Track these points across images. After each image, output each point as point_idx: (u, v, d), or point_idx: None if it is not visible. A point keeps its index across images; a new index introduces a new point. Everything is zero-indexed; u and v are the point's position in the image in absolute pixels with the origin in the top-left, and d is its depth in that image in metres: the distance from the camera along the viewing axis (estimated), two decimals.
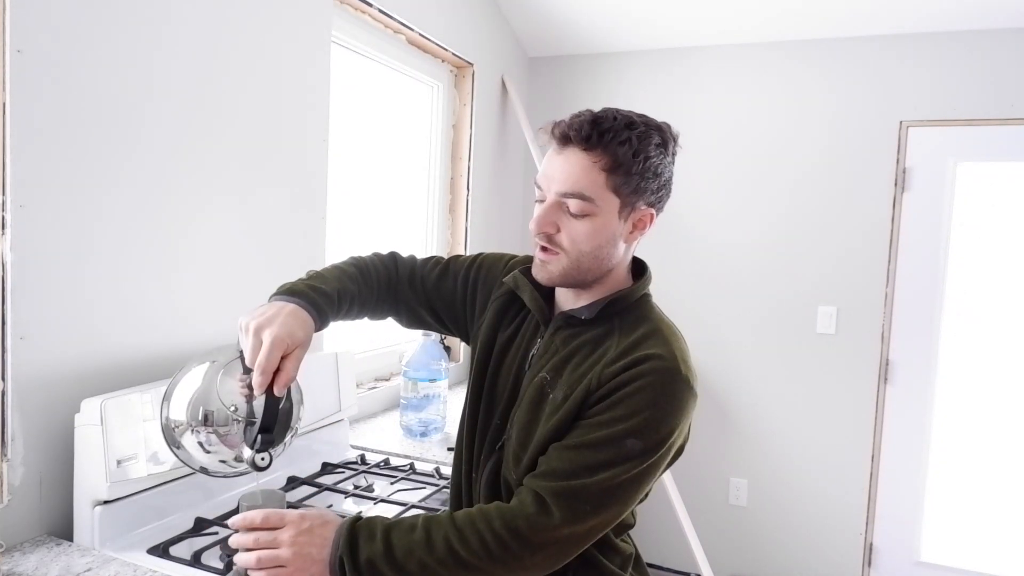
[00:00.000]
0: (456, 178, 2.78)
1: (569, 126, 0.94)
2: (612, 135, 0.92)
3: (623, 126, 0.93)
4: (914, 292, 2.72)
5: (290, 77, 1.77)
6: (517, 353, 1.06)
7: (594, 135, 0.92)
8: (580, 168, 0.93)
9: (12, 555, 1.16)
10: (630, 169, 0.93)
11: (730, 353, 2.98)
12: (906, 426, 2.77)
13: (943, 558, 2.76)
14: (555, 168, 0.95)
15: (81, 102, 1.25)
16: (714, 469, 3.03)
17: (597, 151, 0.93)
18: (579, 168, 0.93)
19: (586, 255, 0.96)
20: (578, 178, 0.93)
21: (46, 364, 1.23)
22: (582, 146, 0.93)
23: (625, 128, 0.93)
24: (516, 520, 0.88)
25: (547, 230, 0.96)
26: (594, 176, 0.93)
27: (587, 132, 0.92)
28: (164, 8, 1.40)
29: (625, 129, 0.93)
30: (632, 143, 0.92)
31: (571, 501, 0.88)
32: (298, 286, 1.00)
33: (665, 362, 0.92)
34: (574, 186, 0.93)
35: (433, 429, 2.03)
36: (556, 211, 0.95)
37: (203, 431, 0.97)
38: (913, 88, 2.67)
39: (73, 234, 1.26)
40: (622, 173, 0.93)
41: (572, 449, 0.91)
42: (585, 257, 0.96)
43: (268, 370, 0.88)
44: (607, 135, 0.92)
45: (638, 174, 0.94)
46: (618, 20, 2.85)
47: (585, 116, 0.94)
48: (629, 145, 0.92)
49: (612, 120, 0.93)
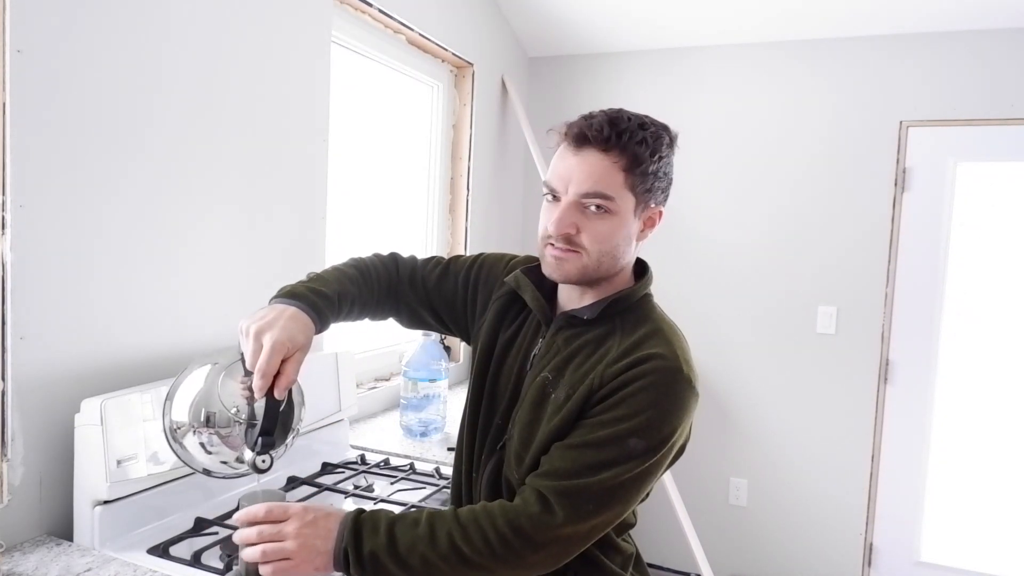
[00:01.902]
0: (456, 178, 2.78)
1: (587, 127, 0.94)
2: (629, 135, 0.93)
3: (637, 126, 0.94)
4: (914, 292, 2.72)
5: (290, 77, 1.77)
6: (518, 353, 1.07)
7: (612, 135, 0.93)
8: (601, 168, 0.94)
9: (12, 555, 1.16)
10: (647, 169, 0.95)
11: (730, 353, 2.98)
12: (906, 426, 2.77)
13: (943, 558, 2.76)
14: (572, 169, 0.95)
15: (82, 102, 1.25)
16: (714, 469, 3.03)
17: (616, 151, 0.93)
18: (600, 168, 0.94)
19: (607, 254, 0.97)
20: (599, 178, 0.94)
21: (46, 364, 1.23)
22: (601, 147, 0.94)
23: (639, 128, 0.94)
24: (519, 518, 0.88)
25: (568, 231, 0.96)
26: (614, 176, 0.94)
27: (607, 133, 0.93)
28: (165, 8, 1.40)
29: (639, 129, 0.94)
30: (648, 143, 0.94)
31: (574, 500, 0.88)
32: (298, 289, 1.00)
33: (667, 362, 0.92)
34: (595, 186, 0.94)
35: (433, 429, 2.03)
36: (576, 211, 0.96)
37: (205, 432, 0.97)
38: (913, 88, 2.67)
39: (73, 234, 1.26)
40: (639, 172, 0.94)
41: (575, 448, 0.92)
42: (606, 256, 0.97)
43: (268, 374, 0.89)
44: (625, 135, 0.93)
45: (653, 173, 0.96)
46: (618, 20, 2.85)
47: (601, 117, 0.95)
48: (645, 145, 0.94)
49: (627, 120, 0.95)
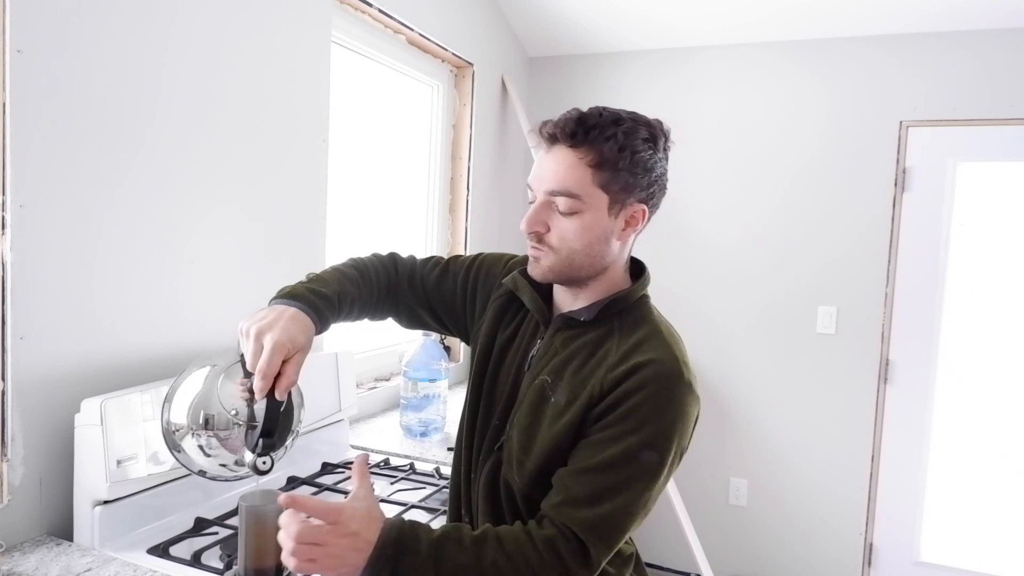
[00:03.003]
0: (456, 178, 2.78)
1: (555, 125, 0.94)
2: (598, 131, 0.92)
3: (609, 122, 0.93)
4: (914, 292, 2.72)
5: (290, 77, 1.77)
6: (516, 354, 1.06)
7: (579, 132, 0.92)
8: (566, 165, 0.93)
9: (12, 555, 1.16)
10: (617, 165, 0.93)
11: (730, 353, 2.98)
12: (906, 426, 2.77)
13: (943, 558, 2.76)
14: (543, 167, 0.96)
15: (82, 102, 1.25)
16: (714, 469, 3.03)
17: (583, 148, 0.93)
18: (565, 165, 0.93)
19: (577, 253, 0.96)
20: (564, 175, 0.93)
21: (46, 364, 1.23)
22: (568, 143, 0.93)
23: (611, 124, 0.93)
24: (560, 552, 0.86)
25: (537, 229, 0.96)
26: (580, 172, 0.93)
27: (572, 129, 0.93)
28: (165, 8, 1.40)
29: (611, 125, 0.93)
30: (618, 139, 0.92)
31: (603, 533, 0.88)
32: (298, 289, 1.00)
33: (667, 366, 0.92)
34: (560, 183, 0.93)
35: (433, 429, 2.04)
36: (545, 210, 0.96)
37: (204, 435, 0.97)
38: (913, 88, 2.67)
39: (74, 234, 1.26)
40: (609, 169, 0.93)
41: (590, 472, 0.90)
42: (577, 255, 0.96)
43: (269, 375, 0.88)
44: (592, 131, 0.92)
45: (626, 170, 0.93)
46: (618, 20, 2.85)
47: (571, 114, 0.94)
48: (615, 141, 0.92)
49: (598, 117, 0.94)
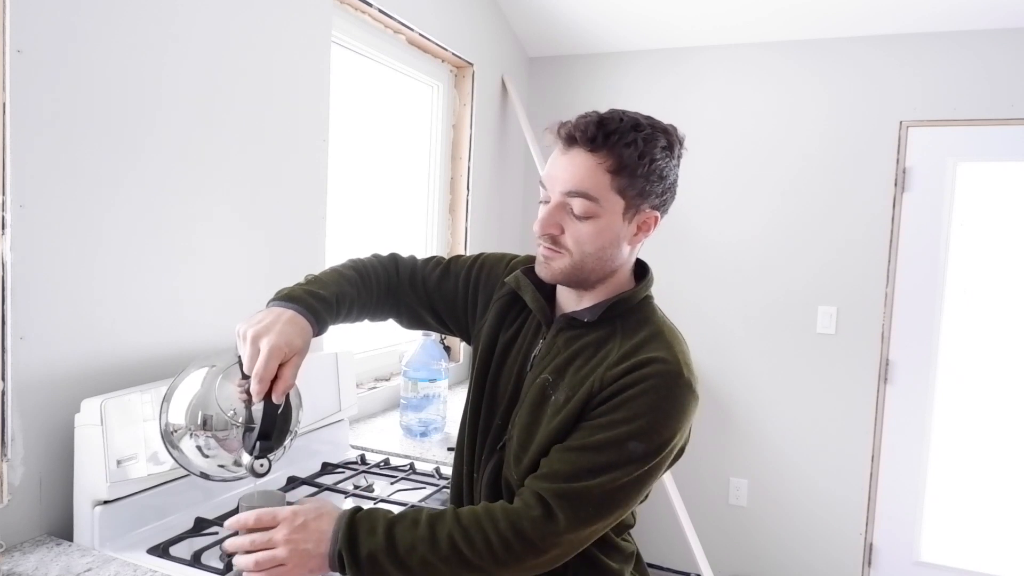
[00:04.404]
0: (456, 178, 2.78)
1: (575, 127, 0.93)
2: (618, 136, 0.91)
3: (629, 128, 0.92)
4: (914, 292, 2.72)
5: (290, 77, 1.77)
6: (519, 354, 1.06)
7: (599, 136, 0.92)
8: (585, 168, 0.92)
9: (12, 555, 1.16)
10: (635, 171, 0.92)
11: (730, 353, 2.98)
12: (906, 426, 2.77)
13: (943, 558, 2.76)
14: (560, 168, 0.95)
15: (82, 103, 1.25)
16: (714, 469, 3.03)
17: (602, 152, 0.92)
18: (584, 168, 0.92)
19: (590, 256, 0.96)
20: (583, 178, 0.92)
21: (46, 364, 1.23)
22: (587, 147, 0.92)
23: (631, 130, 0.92)
24: (521, 522, 0.88)
25: (551, 231, 0.96)
26: (599, 177, 0.92)
27: (592, 133, 0.92)
28: (165, 7, 1.40)
29: (631, 131, 0.92)
30: (638, 145, 0.92)
31: (574, 504, 0.88)
32: (296, 292, 1.00)
33: (668, 365, 0.92)
34: (578, 186, 0.93)
35: (433, 429, 2.04)
36: (560, 212, 0.95)
37: (202, 435, 0.97)
38: (913, 88, 2.67)
39: (74, 234, 1.26)
40: (627, 175, 0.92)
41: (573, 451, 0.91)
42: (589, 258, 0.96)
43: (266, 379, 0.89)
44: (612, 136, 0.92)
45: (643, 176, 0.93)
46: (618, 20, 2.85)
47: (591, 117, 0.93)
48: (635, 147, 0.91)
49: (618, 122, 0.93)
